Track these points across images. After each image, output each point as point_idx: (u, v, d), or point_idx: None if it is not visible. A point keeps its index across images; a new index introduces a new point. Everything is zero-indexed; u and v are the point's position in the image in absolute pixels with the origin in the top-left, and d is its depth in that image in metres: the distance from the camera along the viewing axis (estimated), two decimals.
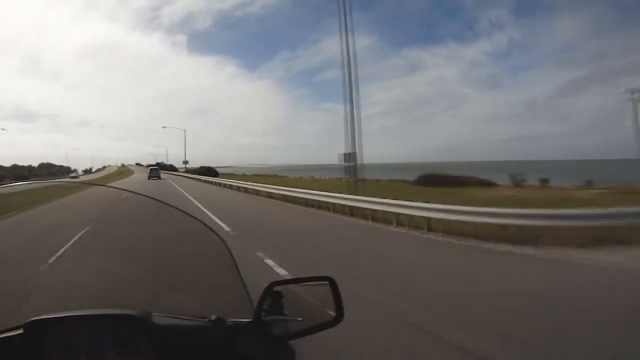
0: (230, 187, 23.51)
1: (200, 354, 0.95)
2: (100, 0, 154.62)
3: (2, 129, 58.97)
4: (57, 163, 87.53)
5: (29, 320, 0.91)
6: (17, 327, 0.91)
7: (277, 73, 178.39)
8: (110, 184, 24.85)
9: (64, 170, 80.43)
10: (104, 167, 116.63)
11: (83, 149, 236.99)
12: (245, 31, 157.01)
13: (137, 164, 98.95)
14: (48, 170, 73.16)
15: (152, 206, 1.38)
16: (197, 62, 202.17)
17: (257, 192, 17.95)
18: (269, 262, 5.29)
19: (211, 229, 1.11)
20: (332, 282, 1.06)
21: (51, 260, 1.61)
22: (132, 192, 1.44)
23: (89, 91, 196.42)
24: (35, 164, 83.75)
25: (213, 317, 0.98)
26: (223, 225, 8.33)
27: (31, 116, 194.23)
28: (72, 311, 0.96)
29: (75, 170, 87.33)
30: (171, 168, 65.11)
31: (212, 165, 74.69)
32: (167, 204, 1.22)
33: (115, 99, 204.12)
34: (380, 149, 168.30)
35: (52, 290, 1.22)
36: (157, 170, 44.14)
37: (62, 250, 1.78)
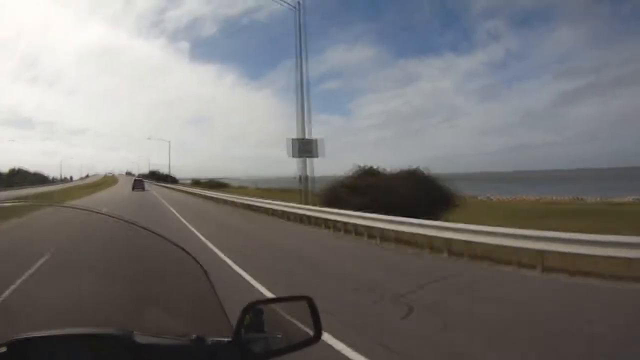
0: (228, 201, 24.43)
1: None
2: (103, 3, 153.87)
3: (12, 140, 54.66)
4: (33, 169, 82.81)
5: (11, 339, 0.92)
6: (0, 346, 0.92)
7: (278, 83, 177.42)
8: (76, 200, 23.32)
9: (38, 179, 76.24)
10: (87, 176, 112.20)
11: (77, 157, 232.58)
12: (250, 39, 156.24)
13: (128, 173, 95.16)
14: (21, 177, 68.81)
15: (124, 226, 1.37)
16: (199, 70, 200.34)
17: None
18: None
19: (187, 252, 1.13)
20: (309, 301, 1.09)
21: (27, 274, 1.54)
22: (98, 212, 1.47)
23: (86, 98, 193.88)
24: (27, 171, 78.41)
25: (193, 336, 1.00)
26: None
27: (27, 123, 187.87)
28: (54, 330, 0.98)
29: (48, 177, 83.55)
30: (166, 179, 60.66)
31: (207, 176, 72.91)
32: (141, 227, 1.24)
33: (113, 107, 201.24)
34: (376, 160, 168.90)
35: (30, 307, 1.22)
36: (142, 182, 45.07)
37: (36, 266, 1.71)
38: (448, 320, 4.26)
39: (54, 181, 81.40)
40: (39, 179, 75.41)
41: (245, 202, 20.67)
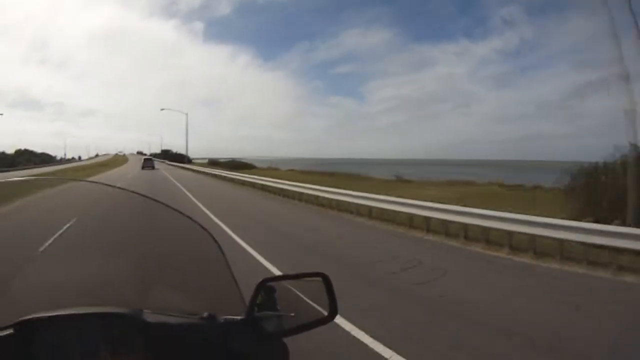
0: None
1: (193, 350, 0.95)
2: None
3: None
4: (42, 150, 79.09)
5: (18, 319, 0.90)
6: (7, 327, 0.89)
7: (292, 65, 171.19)
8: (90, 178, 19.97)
9: (45, 159, 71.89)
10: (96, 155, 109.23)
11: (87, 137, 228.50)
12: (266, 19, 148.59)
13: (139, 153, 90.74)
14: (26, 158, 64.38)
15: (137, 200, 1.35)
16: (212, 50, 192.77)
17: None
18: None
19: (201, 225, 1.09)
20: (325, 278, 1.06)
21: (40, 251, 1.54)
22: (114, 187, 1.48)
23: (97, 79, 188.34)
24: (33, 151, 76.47)
25: (205, 314, 0.98)
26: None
27: (36, 104, 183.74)
28: (62, 310, 0.94)
29: (56, 157, 79.78)
30: (182, 159, 52.97)
31: (216, 156, 67.02)
32: (153, 200, 1.22)
33: (124, 88, 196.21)
34: (387, 144, 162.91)
35: (39, 287, 1.18)
36: (151, 160, 45.26)
37: (47, 243, 1.68)
38: None
39: (60, 161, 77.59)
40: (44, 159, 71.16)
41: (327, 195, 11.99)
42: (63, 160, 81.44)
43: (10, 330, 0.89)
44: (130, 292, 1.16)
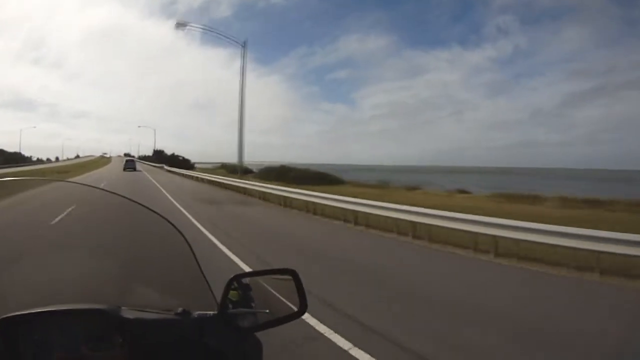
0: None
1: (169, 346, 0.98)
2: None
3: None
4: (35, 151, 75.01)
5: (0, 317, 0.93)
6: None
7: (289, 69, 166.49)
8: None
9: (16, 158, 68.67)
10: (77, 157, 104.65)
11: (78, 139, 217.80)
12: (265, 23, 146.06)
13: (126, 155, 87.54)
14: None
15: (111, 198, 1.38)
16: (209, 53, 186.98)
17: None
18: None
19: (172, 224, 1.13)
20: (294, 275, 1.10)
21: (20, 252, 1.53)
22: (95, 187, 1.52)
23: (91, 80, 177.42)
24: (29, 153, 72.91)
25: (179, 310, 1.01)
26: None
27: (29, 105, 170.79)
28: (43, 307, 0.97)
29: (31, 158, 76.40)
30: (177, 162, 46.80)
31: (206, 160, 60.01)
32: (130, 199, 1.24)
33: (118, 90, 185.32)
34: (379, 150, 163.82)
35: (21, 285, 1.20)
36: (133, 162, 44.73)
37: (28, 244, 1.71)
38: None
39: (32, 162, 74.03)
40: (14, 158, 67.54)
41: None
42: (34, 161, 77.67)
43: None
44: (109, 290, 1.19)
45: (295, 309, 1.07)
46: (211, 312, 1.01)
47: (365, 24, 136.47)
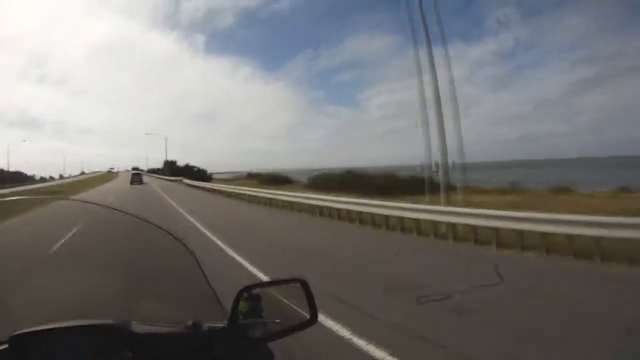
0: None
1: (179, 358, 0.98)
2: None
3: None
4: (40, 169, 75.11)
5: (11, 334, 0.93)
6: (1, 342, 0.93)
7: (295, 74, 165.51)
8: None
9: (17, 178, 68.86)
10: (82, 173, 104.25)
11: (84, 155, 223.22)
12: (269, 30, 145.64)
13: (134, 169, 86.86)
14: None
15: (121, 217, 1.36)
16: (214, 63, 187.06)
17: None
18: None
19: (178, 239, 1.14)
20: (303, 284, 1.10)
21: (32, 268, 1.60)
22: (102, 205, 1.54)
23: (96, 95, 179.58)
24: (33, 171, 71.93)
25: (189, 323, 1.01)
26: None
27: (34, 123, 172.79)
28: (53, 323, 0.98)
29: (32, 177, 76.56)
30: (186, 173, 42.38)
31: (213, 170, 53.41)
32: (135, 216, 1.26)
33: (124, 104, 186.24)
34: (387, 151, 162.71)
35: (32, 302, 1.22)
36: (140, 175, 43.91)
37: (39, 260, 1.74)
38: None
39: (35, 180, 74.14)
40: (14, 177, 67.72)
41: None
42: (32, 180, 77.41)
43: (5, 345, 0.93)
44: (117, 305, 1.21)
45: (307, 317, 1.07)
46: (221, 324, 1.01)
47: (371, 24, 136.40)
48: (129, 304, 1.21)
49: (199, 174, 42.19)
